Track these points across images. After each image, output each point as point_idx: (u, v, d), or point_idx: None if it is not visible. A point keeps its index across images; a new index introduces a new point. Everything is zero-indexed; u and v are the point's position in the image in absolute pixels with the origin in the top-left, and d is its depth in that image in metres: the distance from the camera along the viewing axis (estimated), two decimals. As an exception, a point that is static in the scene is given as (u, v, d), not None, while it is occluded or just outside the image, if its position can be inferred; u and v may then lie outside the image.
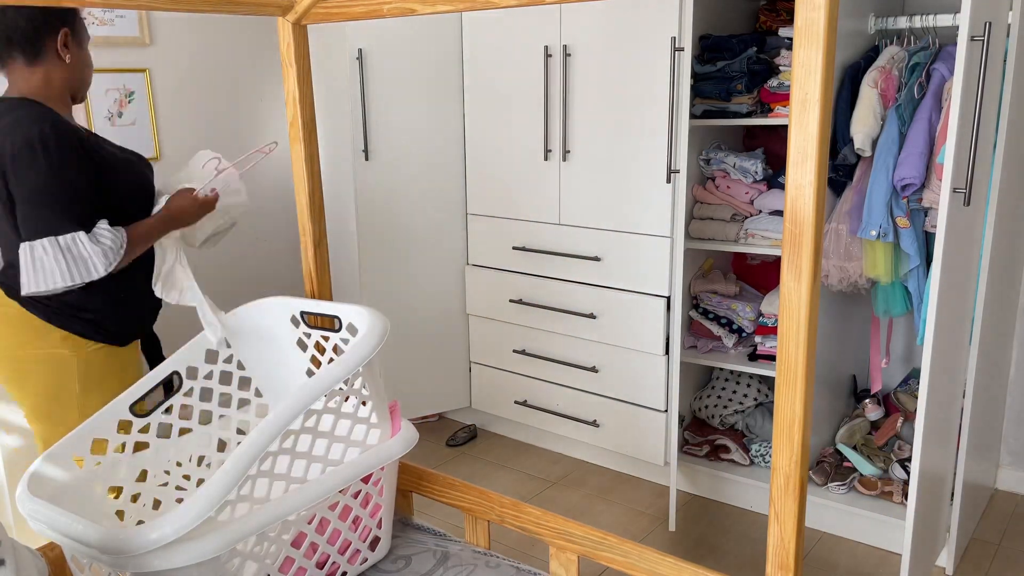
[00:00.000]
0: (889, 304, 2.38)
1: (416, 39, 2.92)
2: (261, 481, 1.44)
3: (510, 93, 2.89)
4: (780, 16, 2.60)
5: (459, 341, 3.24)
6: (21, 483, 1.34)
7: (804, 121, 1.03)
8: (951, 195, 1.90)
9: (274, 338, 1.75)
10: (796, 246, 1.07)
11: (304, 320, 1.69)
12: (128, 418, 1.55)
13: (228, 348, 1.72)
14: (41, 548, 1.43)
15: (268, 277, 3.65)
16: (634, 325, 2.73)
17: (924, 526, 2.16)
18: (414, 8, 1.46)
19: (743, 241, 2.57)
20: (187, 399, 1.64)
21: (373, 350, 1.42)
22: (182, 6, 1.49)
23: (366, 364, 1.43)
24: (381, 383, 1.52)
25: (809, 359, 1.10)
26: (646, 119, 2.57)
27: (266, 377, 1.76)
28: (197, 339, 1.69)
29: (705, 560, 2.44)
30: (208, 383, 1.67)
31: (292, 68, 1.74)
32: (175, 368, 1.64)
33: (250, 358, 1.75)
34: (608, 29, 2.60)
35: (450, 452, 3.19)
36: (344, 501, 1.46)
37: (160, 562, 1.18)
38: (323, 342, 1.68)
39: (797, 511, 1.16)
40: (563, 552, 1.54)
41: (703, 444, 2.78)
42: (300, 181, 1.82)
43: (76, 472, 1.45)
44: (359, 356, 1.40)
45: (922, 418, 2.01)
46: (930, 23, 2.25)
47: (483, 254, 3.11)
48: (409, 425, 1.59)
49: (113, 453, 1.52)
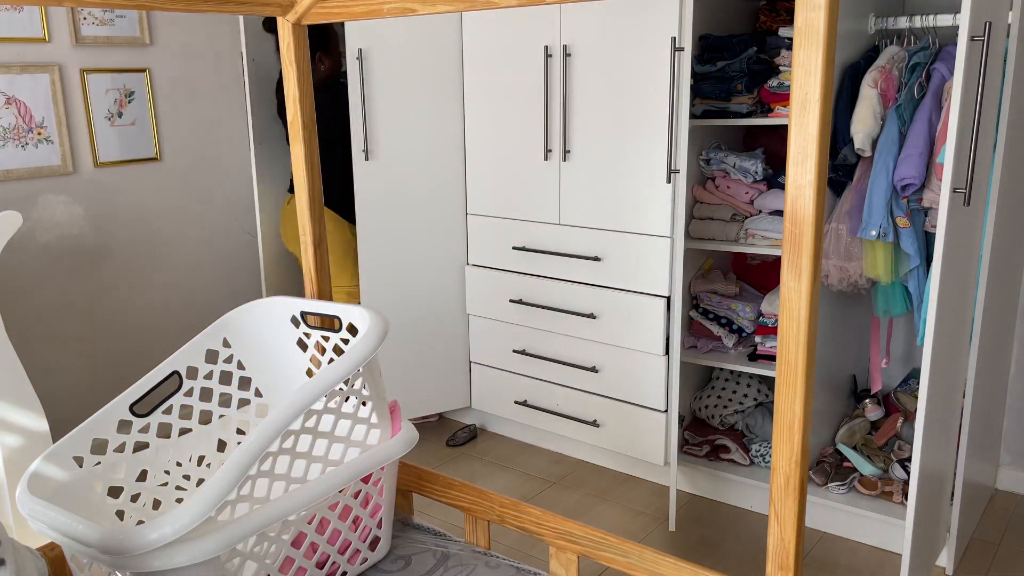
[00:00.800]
0: (889, 304, 2.38)
1: (416, 39, 2.92)
2: (261, 481, 1.44)
3: (510, 93, 2.89)
4: (780, 16, 2.60)
5: (459, 341, 3.24)
6: (21, 483, 1.34)
7: (804, 121, 1.03)
8: (951, 195, 1.90)
9: (274, 338, 1.74)
10: (796, 246, 1.07)
11: (304, 320, 1.69)
12: (128, 418, 1.55)
13: (228, 348, 1.72)
14: (41, 548, 1.43)
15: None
16: (634, 325, 2.73)
17: (924, 526, 2.16)
18: (414, 8, 1.45)
19: (743, 241, 2.57)
20: (187, 399, 1.64)
21: (373, 350, 1.42)
22: (182, 6, 1.49)
23: (366, 364, 1.43)
24: (382, 383, 1.52)
25: (809, 359, 1.10)
26: (646, 119, 2.57)
27: (266, 377, 1.76)
28: (197, 339, 1.69)
29: (705, 560, 2.44)
30: (208, 383, 1.67)
31: (292, 68, 1.74)
32: (175, 368, 1.64)
33: (250, 358, 1.75)
34: (608, 29, 2.60)
35: (450, 452, 3.19)
36: (344, 501, 1.46)
37: (160, 562, 1.18)
38: (323, 342, 1.68)
39: (797, 511, 1.15)
40: (563, 552, 1.54)
41: (703, 444, 2.78)
42: (300, 181, 1.82)
43: (76, 472, 1.45)
44: (359, 356, 1.40)
45: (922, 418, 2.01)
46: (930, 23, 2.25)
47: (483, 254, 3.11)
48: (409, 425, 1.59)
49: (113, 453, 1.52)
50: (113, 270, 3.14)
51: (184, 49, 3.24)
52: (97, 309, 3.12)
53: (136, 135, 3.14)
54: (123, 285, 3.18)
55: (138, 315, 3.24)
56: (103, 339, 3.15)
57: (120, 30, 3.05)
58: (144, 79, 3.14)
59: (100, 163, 3.05)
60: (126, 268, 3.18)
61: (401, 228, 3.04)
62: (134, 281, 3.21)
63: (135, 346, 3.24)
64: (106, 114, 3.05)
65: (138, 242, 3.20)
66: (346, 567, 1.52)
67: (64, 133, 2.93)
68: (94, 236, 3.07)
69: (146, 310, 3.26)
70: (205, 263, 3.44)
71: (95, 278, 3.10)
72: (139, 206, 3.19)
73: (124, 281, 3.18)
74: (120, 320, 3.19)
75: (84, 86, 2.97)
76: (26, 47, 2.82)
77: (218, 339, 1.71)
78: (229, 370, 1.71)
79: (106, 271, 3.12)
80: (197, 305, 3.40)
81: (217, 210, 3.44)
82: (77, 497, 1.43)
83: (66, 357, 3.05)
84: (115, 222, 3.13)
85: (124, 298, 3.19)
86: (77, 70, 2.96)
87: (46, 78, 2.87)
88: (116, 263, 3.15)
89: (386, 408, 1.56)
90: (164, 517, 1.18)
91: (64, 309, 3.02)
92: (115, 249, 3.14)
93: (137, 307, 3.23)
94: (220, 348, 1.71)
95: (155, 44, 3.17)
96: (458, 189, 3.10)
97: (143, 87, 3.14)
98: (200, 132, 3.34)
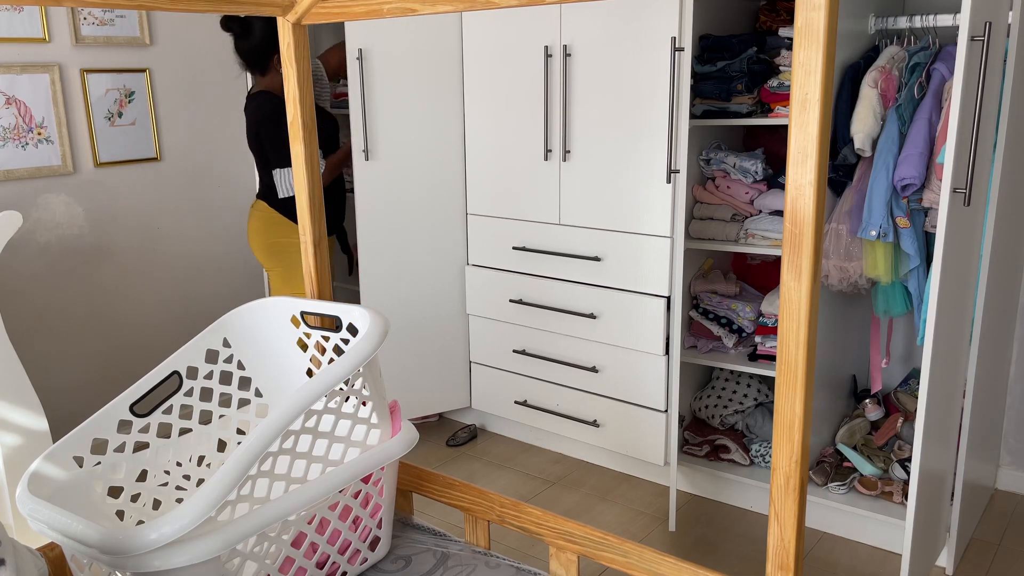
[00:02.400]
0: (889, 304, 2.38)
1: (416, 39, 2.92)
2: (261, 481, 1.44)
3: (510, 93, 2.89)
4: (780, 16, 2.60)
5: (459, 341, 3.24)
6: (21, 482, 1.34)
7: (804, 121, 1.03)
8: (951, 195, 1.90)
9: (275, 338, 1.74)
10: (796, 246, 1.07)
11: (305, 320, 1.69)
12: (128, 418, 1.55)
13: (228, 348, 1.72)
14: (41, 548, 1.43)
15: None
16: (634, 325, 2.73)
17: (924, 526, 2.16)
18: (414, 8, 1.45)
19: (743, 241, 2.57)
20: (187, 399, 1.64)
21: (374, 350, 1.42)
22: (182, 6, 1.49)
23: (366, 364, 1.43)
24: (382, 383, 1.52)
25: (809, 359, 1.10)
26: (646, 119, 2.57)
27: (266, 377, 1.76)
28: (197, 339, 1.69)
29: (705, 560, 2.44)
30: (208, 383, 1.67)
31: (292, 68, 1.74)
32: (175, 368, 1.64)
33: (250, 358, 1.75)
34: (608, 29, 2.60)
35: (450, 452, 3.19)
36: (344, 501, 1.46)
37: (160, 562, 1.18)
38: (323, 342, 1.67)
39: (797, 511, 1.15)
40: (563, 552, 1.54)
41: (703, 444, 2.78)
42: (300, 181, 1.82)
43: (76, 472, 1.45)
44: (359, 356, 1.40)
45: (922, 418, 2.01)
46: (930, 23, 2.25)
47: (483, 254, 3.11)
48: (409, 426, 1.59)
49: (113, 453, 1.52)
50: (113, 270, 3.14)
51: (184, 49, 3.24)
52: (97, 309, 3.12)
53: (136, 135, 3.14)
54: (123, 285, 3.18)
55: (138, 315, 3.24)
56: (103, 339, 3.15)
57: (120, 30, 3.05)
58: (144, 79, 3.14)
59: (100, 163, 3.05)
60: (126, 268, 3.18)
61: (401, 228, 3.04)
62: (134, 281, 3.21)
63: (135, 346, 3.24)
64: (106, 114, 3.05)
65: (138, 242, 3.20)
66: (346, 567, 1.52)
67: (64, 133, 2.93)
68: (94, 236, 3.07)
69: (146, 310, 3.26)
70: (205, 263, 3.44)
71: (95, 278, 3.10)
72: (139, 206, 3.19)
73: (124, 281, 3.18)
74: (120, 320, 3.19)
75: (84, 86, 2.97)
76: (26, 47, 2.82)
77: (218, 339, 1.71)
78: (229, 370, 1.71)
79: (106, 271, 3.12)
80: (197, 305, 3.40)
81: (217, 210, 3.44)
82: (77, 497, 1.43)
83: (66, 357, 3.05)
84: (115, 222, 3.13)
85: (124, 298, 3.19)
86: (77, 70, 2.96)
87: (46, 78, 2.87)
88: (116, 263, 3.15)
89: (386, 408, 1.56)
90: (164, 517, 1.18)
91: (64, 309, 3.02)
92: (115, 249, 3.14)
93: (137, 307, 3.23)
94: (220, 348, 1.70)
95: (155, 44, 3.17)
96: (458, 189, 3.10)
97: (143, 87, 3.14)
98: (200, 132, 3.34)
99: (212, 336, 1.70)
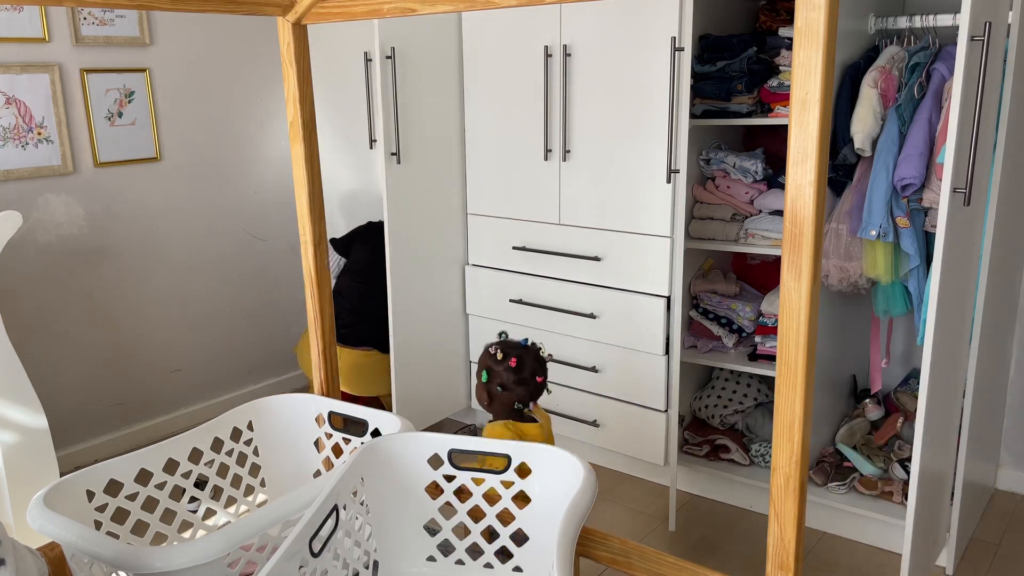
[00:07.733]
0: (889, 304, 2.38)
1: (416, 39, 2.92)
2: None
3: (510, 93, 2.89)
4: (780, 16, 2.60)
5: (459, 341, 3.24)
6: (37, 497, 1.35)
7: (804, 121, 1.03)
8: (951, 195, 1.90)
9: (298, 433, 1.81)
10: (796, 246, 1.07)
11: (330, 420, 1.76)
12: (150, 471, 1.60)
13: (251, 431, 1.78)
14: (41, 548, 1.43)
15: (268, 276, 3.65)
16: (634, 325, 2.73)
17: (924, 526, 2.16)
18: (414, 8, 1.46)
19: (743, 241, 2.57)
20: (206, 468, 1.69)
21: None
22: (182, 6, 1.49)
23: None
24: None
25: (809, 359, 1.10)
26: (646, 119, 2.57)
27: (274, 469, 1.81)
28: (227, 415, 1.76)
29: (705, 560, 2.44)
30: (227, 459, 1.73)
31: (292, 68, 1.74)
32: (197, 443, 1.68)
33: (265, 447, 1.81)
34: (608, 29, 2.60)
35: (450, 452, 3.19)
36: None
37: (161, 563, 1.18)
38: (343, 444, 1.74)
39: (797, 511, 1.15)
40: (563, 552, 1.53)
41: (703, 444, 2.78)
42: (300, 181, 1.82)
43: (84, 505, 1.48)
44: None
45: (922, 418, 2.01)
46: (930, 23, 2.25)
47: (483, 254, 3.11)
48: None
49: (123, 499, 1.54)
50: (113, 270, 3.14)
51: (184, 49, 3.24)
52: (97, 309, 3.11)
53: (136, 135, 3.14)
54: (123, 285, 3.18)
55: (138, 315, 3.23)
56: (103, 339, 3.14)
57: (120, 30, 3.05)
58: (144, 79, 3.14)
59: (100, 163, 3.05)
60: (126, 268, 3.18)
61: (401, 228, 3.04)
62: (134, 281, 3.21)
63: (135, 345, 3.24)
64: (106, 114, 3.05)
65: (138, 242, 3.20)
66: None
67: (64, 133, 2.93)
68: (94, 236, 3.07)
69: (146, 310, 3.26)
70: (205, 263, 3.44)
71: (95, 278, 3.10)
72: (139, 206, 3.19)
73: (124, 281, 3.18)
74: (120, 320, 3.18)
75: (84, 86, 2.97)
76: (26, 47, 2.82)
77: (244, 420, 1.77)
78: (246, 453, 1.78)
79: (106, 271, 3.12)
80: (196, 305, 3.40)
81: (217, 210, 3.44)
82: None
83: (66, 356, 3.05)
84: (115, 222, 3.12)
85: (124, 298, 3.19)
86: (77, 70, 2.95)
87: (46, 78, 2.87)
88: (116, 263, 3.15)
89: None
90: (184, 544, 1.21)
91: (64, 309, 3.02)
92: (115, 249, 3.14)
93: (137, 307, 3.23)
94: (244, 429, 1.77)
95: (155, 44, 3.16)
96: (458, 189, 3.10)
97: (143, 87, 3.14)
98: (200, 132, 3.34)
99: (240, 416, 1.78)
